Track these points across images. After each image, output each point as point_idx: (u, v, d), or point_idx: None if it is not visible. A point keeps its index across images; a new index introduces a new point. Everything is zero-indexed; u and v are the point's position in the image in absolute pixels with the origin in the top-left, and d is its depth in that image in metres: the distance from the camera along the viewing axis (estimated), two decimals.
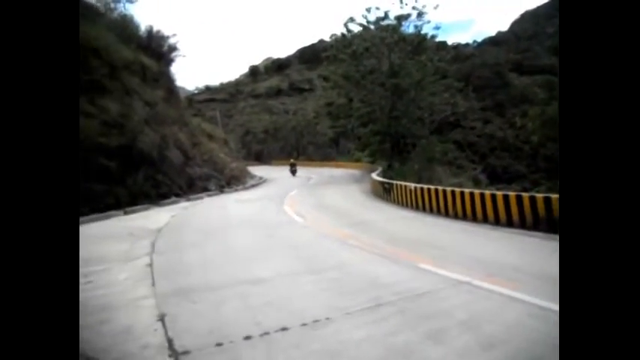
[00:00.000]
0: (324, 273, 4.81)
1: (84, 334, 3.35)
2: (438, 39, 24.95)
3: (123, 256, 6.25)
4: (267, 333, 3.12)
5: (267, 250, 6.32)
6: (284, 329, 3.18)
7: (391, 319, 3.34)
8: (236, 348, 2.92)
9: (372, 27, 23.79)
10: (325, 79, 26.77)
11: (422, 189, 10.86)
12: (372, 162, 27.85)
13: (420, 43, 22.87)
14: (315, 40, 72.07)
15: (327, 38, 33.66)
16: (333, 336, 3.06)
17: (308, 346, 2.91)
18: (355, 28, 24.55)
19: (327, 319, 3.37)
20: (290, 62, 71.64)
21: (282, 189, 18.21)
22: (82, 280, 5.04)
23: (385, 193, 13.64)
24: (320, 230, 8.20)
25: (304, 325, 3.27)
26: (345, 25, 24.59)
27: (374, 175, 17.31)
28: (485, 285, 4.04)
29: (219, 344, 2.97)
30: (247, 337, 3.06)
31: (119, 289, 4.58)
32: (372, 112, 22.88)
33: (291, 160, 30.56)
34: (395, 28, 22.65)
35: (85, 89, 12.24)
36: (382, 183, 14.32)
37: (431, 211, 10.27)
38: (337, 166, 35.83)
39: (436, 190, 10.19)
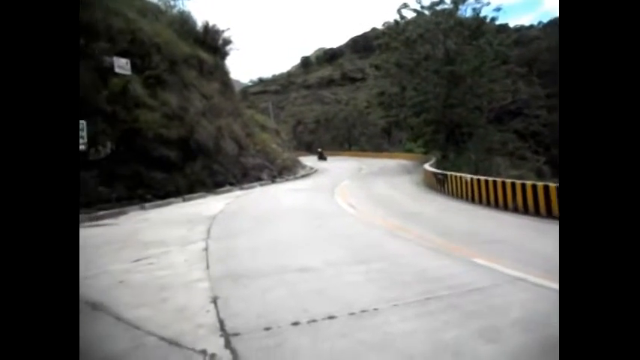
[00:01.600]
0: (374, 264, 4.76)
1: (146, 311, 3.61)
2: (498, 22, 23.48)
3: (181, 240, 6.60)
4: (314, 320, 3.15)
5: (317, 239, 6.37)
6: (331, 317, 3.19)
7: (441, 313, 3.23)
8: (283, 333, 2.98)
9: (426, 12, 22.91)
10: (377, 67, 26.26)
11: (478, 180, 10.37)
12: (425, 153, 27.07)
13: (479, 27, 21.66)
14: (367, 29, 70.79)
15: (379, 26, 32.93)
16: (380, 327, 3.03)
17: (355, 335, 2.90)
18: (409, 15, 23.81)
19: (375, 309, 3.34)
20: (342, 52, 71.18)
21: (333, 179, 18.27)
22: (144, 261, 5.42)
23: (439, 184, 13.21)
24: (370, 221, 8.13)
25: (352, 314, 3.26)
26: (398, 11, 23.93)
27: (427, 166, 16.82)
28: (543, 282, 3.78)
29: (267, 328, 3.05)
30: (295, 323, 3.11)
31: (177, 271, 4.85)
32: (425, 100, 22.14)
33: (319, 150, 37.18)
34: (451, 13, 21.65)
35: (149, 84, 13.03)
36: (435, 174, 13.88)
37: (488, 203, 9.79)
38: (389, 157, 35.26)
39: (494, 182, 9.68)
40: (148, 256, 5.66)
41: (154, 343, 2.96)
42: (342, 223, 7.95)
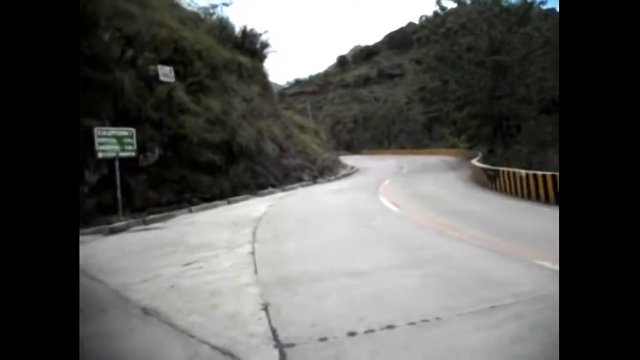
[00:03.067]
0: (428, 267, 4.48)
1: (198, 318, 3.57)
2: (547, 6, 22.08)
3: (228, 243, 6.62)
4: (371, 330, 2.95)
5: (364, 241, 6.15)
6: (390, 327, 2.98)
7: (509, 324, 2.92)
8: (340, 344, 2.80)
9: (467, 1, 21.96)
10: (417, 62, 25.55)
11: (535, 176, 9.69)
12: (470, 148, 26.00)
13: (526, 13, 20.44)
14: (403, 24, 69.49)
15: (416, 20, 32.07)
16: (444, 339, 2.77)
17: (418, 348, 2.67)
18: (449, 5, 22.93)
19: (437, 319, 3.08)
20: (378, 49, 70.21)
21: (375, 178, 17.93)
22: (194, 265, 5.45)
23: (489, 180, 12.55)
24: (417, 220, 7.80)
25: (412, 324, 3.02)
26: (438, 2, 23.10)
27: (474, 162, 16.09)
28: None
29: (322, 339, 2.88)
30: (351, 334, 2.92)
31: (225, 276, 4.81)
32: (469, 93, 21.20)
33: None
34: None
35: (192, 90, 13.36)
36: (485, 170, 13.21)
37: (547, 200, 9.11)
38: (431, 154, 34.26)
39: (553, 177, 8.98)
40: (196, 259, 5.69)
41: (208, 352, 2.88)
42: (388, 223, 7.68)
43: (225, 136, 13.32)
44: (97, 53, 10.33)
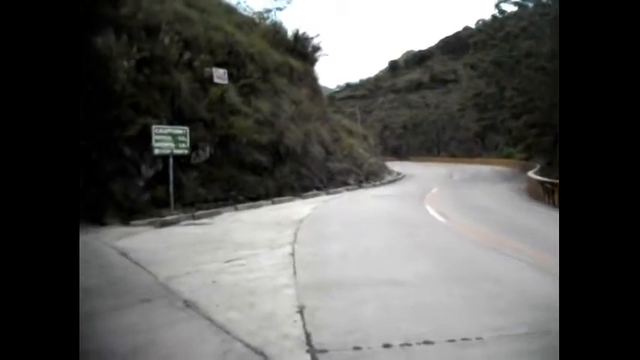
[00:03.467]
0: (474, 283, 4.24)
1: (235, 314, 3.61)
2: None
3: (269, 243, 6.70)
4: (408, 344, 2.82)
5: (408, 251, 5.97)
6: (427, 342, 2.83)
7: (556, 351, 2.66)
8: (375, 355, 2.71)
9: (530, 4, 20.86)
10: (472, 67, 24.62)
11: None
12: (527, 159, 24.63)
13: None
14: (459, 28, 67.35)
15: (472, 24, 30.92)
16: None
17: None
18: (509, 9, 21.90)
19: (479, 339, 2.89)
20: (431, 54, 68.57)
21: (422, 186, 17.46)
22: (235, 262, 5.56)
23: (546, 194, 11.76)
24: (466, 233, 7.45)
25: (451, 341, 2.86)
26: (497, 5, 22.16)
27: (531, 174, 15.17)
28: None
29: (357, 348, 2.80)
30: (387, 345, 2.81)
31: (265, 275, 4.85)
32: (528, 101, 20.09)
33: None
34: None
35: (243, 92, 13.76)
36: (542, 182, 12.40)
37: None
38: (483, 163, 32.79)
39: None
40: (238, 257, 5.81)
41: (241, 350, 2.90)
42: (433, 234, 7.41)
43: (272, 137, 13.58)
44: (157, 56, 10.93)
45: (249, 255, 5.91)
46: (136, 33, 10.72)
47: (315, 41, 20.20)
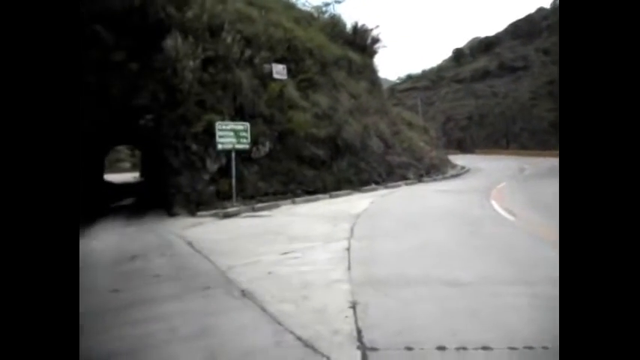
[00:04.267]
0: (542, 286, 3.89)
1: (288, 307, 3.67)
2: None
3: (325, 237, 6.72)
4: (464, 348, 2.67)
5: (469, 249, 5.66)
6: (486, 348, 2.65)
7: None
8: (427, 357, 2.59)
9: None
10: (545, 52, 22.66)
11: None
12: None
13: None
14: (531, 10, 62.22)
15: (547, 5, 28.40)
16: None
17: None
18: None
19: (544, 348, 2.65)
20: (500, 40, 64.16)
21: (488, 180, 16.49)
22: (291, 254, 5.66)
23: None
24: (538, 233, 6.88)
25: (512, 349, 2.65)
26: None
27: None
28: None
29: (408, 348, 2.70)
30: (441, 348, 2.68)
31: (319, 269, 4.87)
32: None
33: None
34: None
35: (302, 87, 13.92)
36: None
37: None
38: (559, 156, 30.17)
39: None
40: (294, 249, 5.90)
41: (291, 342, 2.93)
42: (499, 232, 6.94)
43: (330, 131, 13.59)
44: (220, 55, 11.41)
45: (304, 248, 5.98)
46: (200, 34, 11.27)
47: (374, 33, 19.84)
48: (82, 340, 3.22)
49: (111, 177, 28.74)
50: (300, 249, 5.92)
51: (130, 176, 35.75)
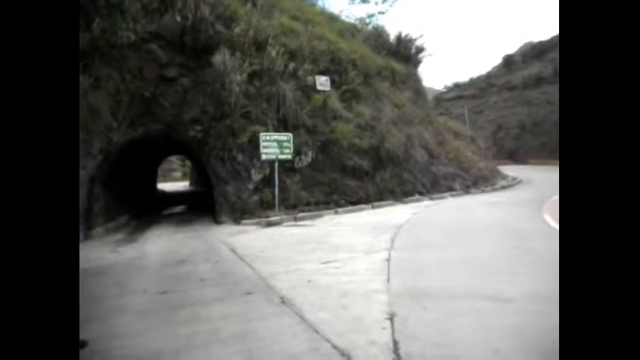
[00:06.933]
0: None
1: (326, 315, 3.69)
2: None
3: (366, 247, 6.69)
4: None
5: (516, 264, 5.40)
6: None
7: None
8: None
9: None
10: None
11: None
12: None
13: None
14: None
15: None
16: None
17: None
18: None
19: None
20: (554, 44, 61.03)
21: (541, 192, 15.63)
22: (331, 264, 5.69)
23: None
24: None
25: None
26: None
27: None
28: None
29: None
30: None
31: (359, 279, 4.86)
32: None
33: None
34: None
35: (345, 98, 14.03)
36: None
37: None
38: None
39: None
40: (335, 259, 5.93)
41: (327, 350, 2.95)
42: (551, 248, 6.55)
43: (373, 141, 13.55)
44: (265, 68, 11.81)
45: (345, 258, 5.99)
46: (247, 49, 11.75)
47: (418, 42, 19.65)
48: (133, 337, 3.44)
49: (163, 186, 30.37)
50: (341, 259, 5.94)
51: (181, 185, 37.55)
